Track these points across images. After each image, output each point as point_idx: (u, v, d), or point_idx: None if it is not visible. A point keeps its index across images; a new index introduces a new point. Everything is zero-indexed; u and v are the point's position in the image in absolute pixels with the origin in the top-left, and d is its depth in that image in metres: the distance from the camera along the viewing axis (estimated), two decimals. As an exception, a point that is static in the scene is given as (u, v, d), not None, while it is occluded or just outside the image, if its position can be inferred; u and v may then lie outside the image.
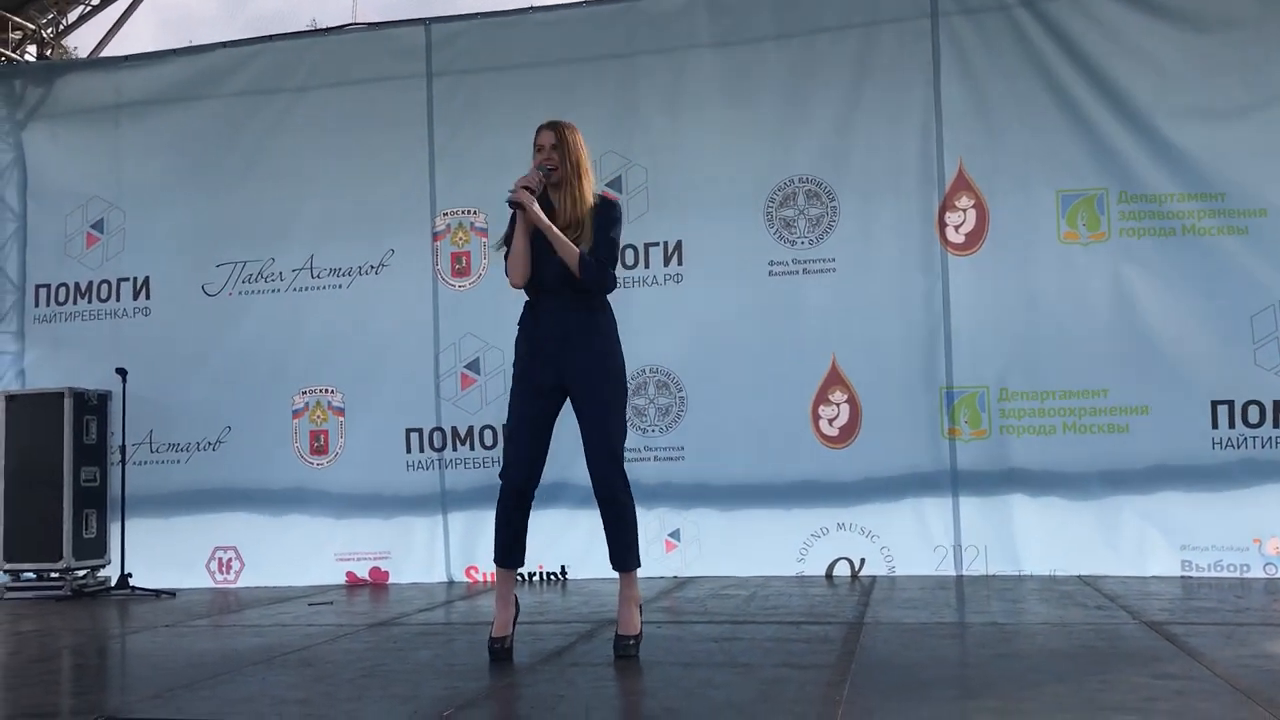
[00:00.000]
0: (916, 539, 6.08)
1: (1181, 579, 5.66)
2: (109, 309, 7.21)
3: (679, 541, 6.35)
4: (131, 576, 6.61)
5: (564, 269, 3.95)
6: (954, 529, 6.06)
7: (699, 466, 6.36)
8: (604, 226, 3.99)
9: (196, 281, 7.07)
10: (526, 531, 4.05)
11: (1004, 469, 6.01)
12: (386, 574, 6.69)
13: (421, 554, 6.69)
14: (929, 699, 3.29)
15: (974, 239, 6.15)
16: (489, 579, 6.39)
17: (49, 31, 8.68)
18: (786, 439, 6.23)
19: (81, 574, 6.70)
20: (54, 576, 6.60)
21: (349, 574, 6.71)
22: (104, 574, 6.83)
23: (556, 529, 6.09)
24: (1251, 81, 5.83)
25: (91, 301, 7.25)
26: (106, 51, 8.58)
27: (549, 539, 5.99)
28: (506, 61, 6.77)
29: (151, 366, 6.95)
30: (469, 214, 6.78)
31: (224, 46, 7.26)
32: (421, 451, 6.72)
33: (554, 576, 6.43)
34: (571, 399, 4.02)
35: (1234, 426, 5.74)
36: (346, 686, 3.66)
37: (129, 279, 7.20)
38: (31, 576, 6.68)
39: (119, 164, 7.28)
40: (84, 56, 9.26)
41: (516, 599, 4.12)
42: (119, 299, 7.21)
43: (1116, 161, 5.96)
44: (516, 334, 4.11)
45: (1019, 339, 6.04)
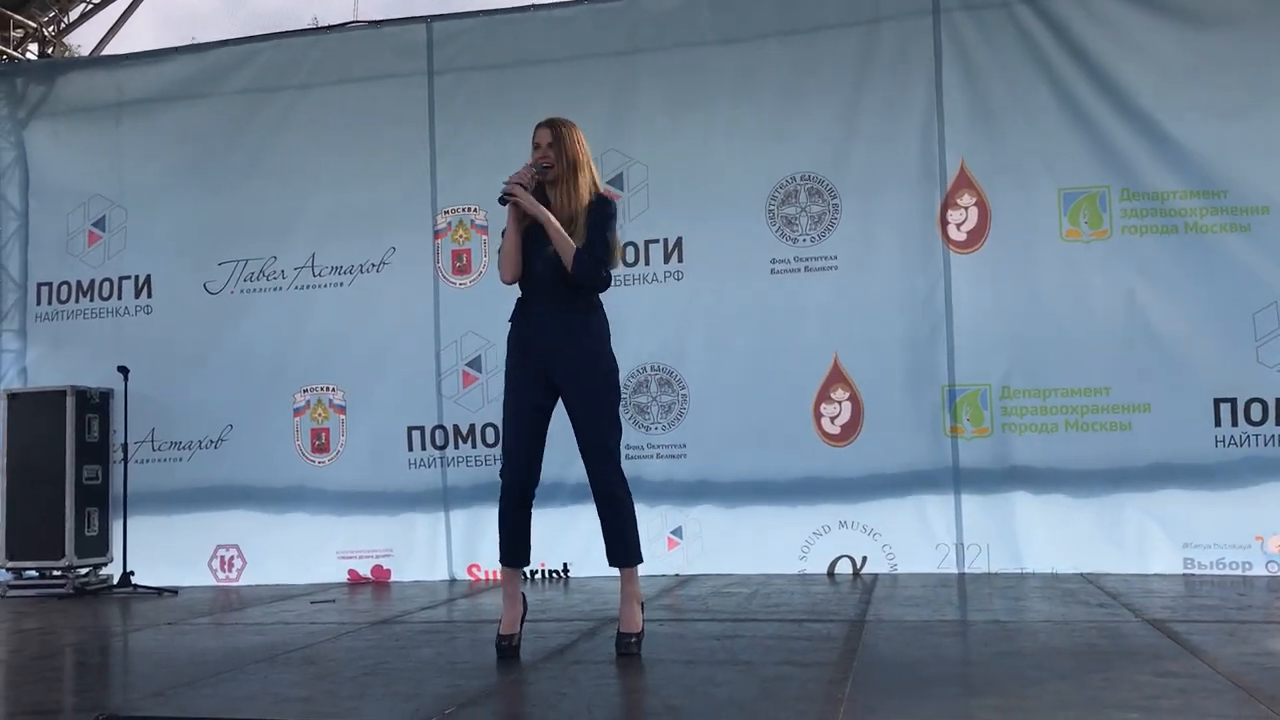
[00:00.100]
0: (918, 537, 6.09)
1: (1184, 577, 5.65)
2: (111, 307, 7.22)
3: (681, 539, 6.35)
4: (134, 574, 6.62)
5: (556, 266, 3.94)
6: (956, 527, 6.06)
7: (701, 464, 6.36)
8: (598, 224, 3.97)
9: (198, 280, 7.08)
10: (530, 529, 4.06)
11: (1006, 467, 6.01)
12: (389, 572, 6.70)
13: (424, 552, 6.69)
14: (931, 697, 3.28)
15: (976, 237, 6.14)
16: (490, 577, 6.40)
17: (50, 30, 8.69)
18: (788, 437, 6.23)
19: (84, 572, 6.72)
20: (56, 574, 6.62)
21: (351, 572, 6.72)
22: (106, 572, 6.85)
23: (559, 527, 6.08)
24: (1253, 79, 5.82)
25: (93, 300, 7.26)
26: (108, 50, 8.60)
27: (551, 537, 5.98)
28: (508, 59, 6.77)
29: (153, 365, 6.96)
30: (470, 211, 6.78)
31: (226, 45, 7.27)
32: (423, 449, 6.72)
33: (556, 574, 6.43)
34: (563, 398, 4.01)
35: (1236, 424, 5.73)
36: (349, 684, 3.66)
37: (131, 277, 7.20)
38: (34, 574, 6.69)
39: (120, 162, 7.28)
40: (85, 55, 9.25)
41: (524, 597, 4.12)
42: (121, 297, 7.22)
43: (1119, 159, 5.95)
44: (508, 332, 4.10)
45: (1021, 337, 6.03)
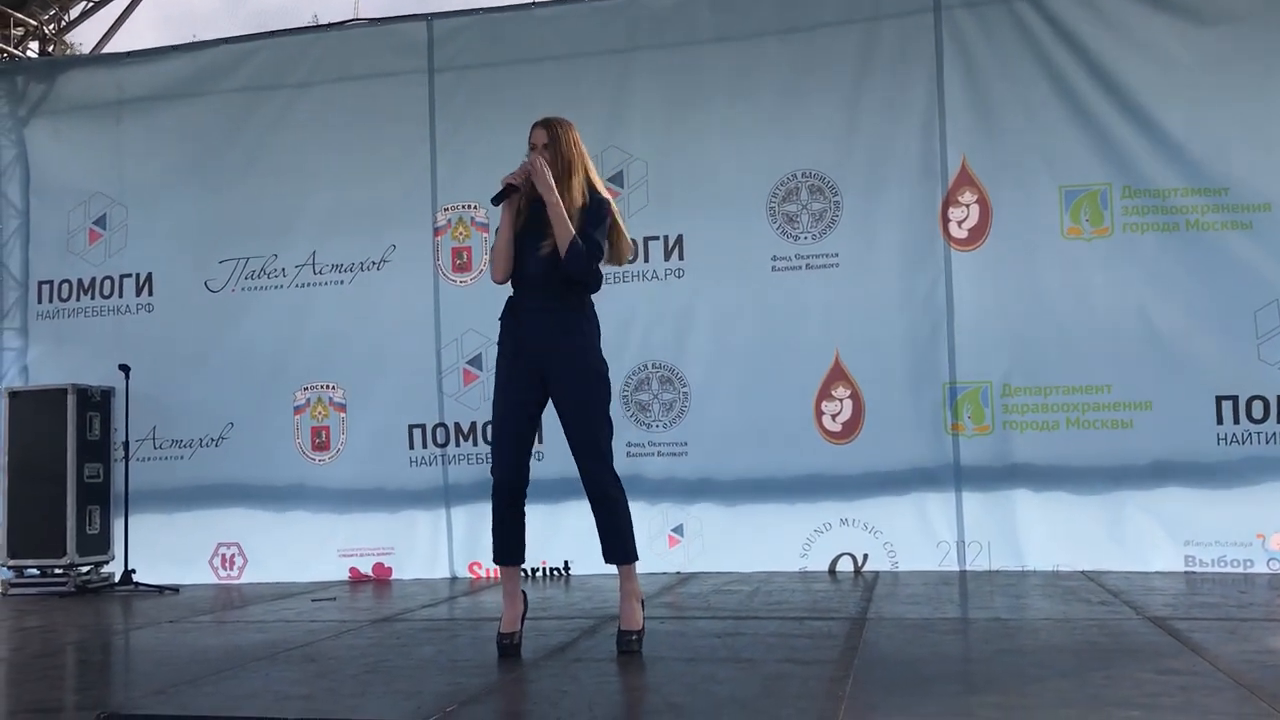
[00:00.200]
0: (919, 534, 6.09)
1: (1185, 574, 5.65)
2: (112, 305, 7.22)
3: (682, 537, 6.34)
4: (135, 572, 6.62)
5: (548, 266, 3.92)
6: (957, 524, 6.06)
7: (702, 462, 6.35)
8: (591, 224, 3.95)
9: (199, 278, 7.08)
10: (524, 527, 4.04)
11: (1007, 464, 6.01)
12: (390, 570, 6.70)
13: (425, 550, 6.69)
14: (932, 694, 3.28)
15: (977, 234, 6.14)
16: (491, 575, 6.39)
17: (51, 28, 8.67)
18: (789, 434, 6.22)
19: (85, 570, 6.72)
20: (58, 572, 6.62)
21: (352, 570, 6.72)
22: (107, 570, 6.85)
23: (559, 525, 6.07)
24: (1255, 75, 5.81)
25: (94, 298, 7.26)
26: (108, 48, 8.57)
27: (552, 535, 5.99)
28: (508, 57, 6.76)
29: (154, 363, 6.96)
30: (470, 209, 6.78)
31: (226, 43, 7.27)
32: (424, 447, 6.72)
33: (557, 572, 6.43)
34: (554, 397, 3.99)
35: (1238, 422, 5.73)
36: (350, 682, 3.66)
37: (131, 275, 7.21)
38: (35, 572, 6.69)
39: (121, 160, 7.28)
40: (86, 53, 9.24)
41: (525, 594, 4.12)
42: (122, 295, 7.22)
43: (1120, 156, 5.95)
44: (499, 331, 4.08)
45: (1022, 334, 6.03)
